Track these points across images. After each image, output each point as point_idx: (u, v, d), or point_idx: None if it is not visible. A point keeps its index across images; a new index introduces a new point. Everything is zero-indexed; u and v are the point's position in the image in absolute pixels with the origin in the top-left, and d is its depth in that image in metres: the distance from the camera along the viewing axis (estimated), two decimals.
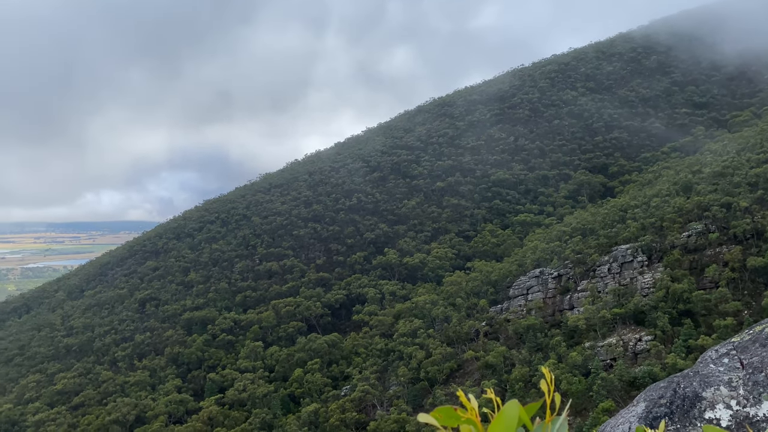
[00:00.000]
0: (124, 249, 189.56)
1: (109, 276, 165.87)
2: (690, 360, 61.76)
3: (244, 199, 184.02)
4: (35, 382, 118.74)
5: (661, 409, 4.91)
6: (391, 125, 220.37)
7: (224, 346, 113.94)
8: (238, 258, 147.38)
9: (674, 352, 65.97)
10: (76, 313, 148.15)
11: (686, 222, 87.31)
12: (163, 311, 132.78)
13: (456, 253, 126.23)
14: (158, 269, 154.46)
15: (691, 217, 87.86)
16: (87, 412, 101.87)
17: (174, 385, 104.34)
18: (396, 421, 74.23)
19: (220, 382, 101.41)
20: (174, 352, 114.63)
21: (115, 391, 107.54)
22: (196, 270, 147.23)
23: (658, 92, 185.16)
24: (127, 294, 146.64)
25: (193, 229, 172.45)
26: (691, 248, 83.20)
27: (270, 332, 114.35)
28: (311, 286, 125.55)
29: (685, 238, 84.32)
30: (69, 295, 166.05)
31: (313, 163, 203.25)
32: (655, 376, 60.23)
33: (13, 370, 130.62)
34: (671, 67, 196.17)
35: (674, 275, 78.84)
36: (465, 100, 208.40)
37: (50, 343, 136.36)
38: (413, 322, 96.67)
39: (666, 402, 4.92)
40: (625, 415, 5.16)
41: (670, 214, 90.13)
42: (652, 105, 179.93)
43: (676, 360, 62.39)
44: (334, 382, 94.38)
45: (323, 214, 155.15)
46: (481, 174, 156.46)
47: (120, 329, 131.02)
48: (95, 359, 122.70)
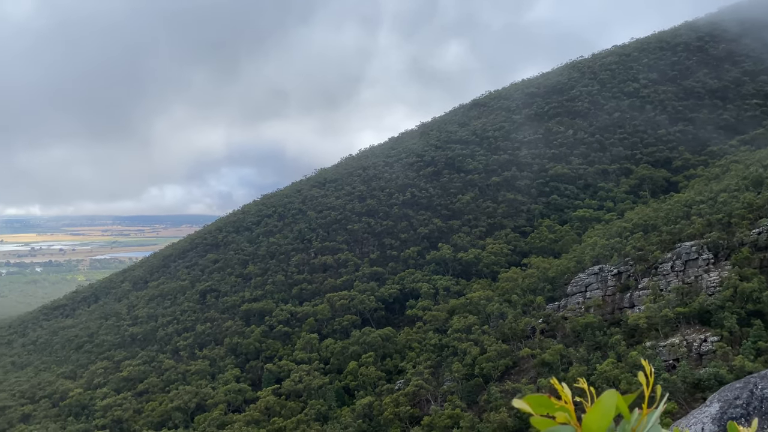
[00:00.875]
0: (186, 242, 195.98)
1: (172, 268, 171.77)
2: (759, 362, 58.94)
3: (300, 193, 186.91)
4: (103, 369, 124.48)
5: (737, 410, 4.73)
6: (446, 119, 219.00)
7: (281, 337, 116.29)
8: (294, 251, 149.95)
9: (742, 354, 63.06)
10: (140, 303, 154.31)
11: (756, 218, 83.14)
12: (222, 302, 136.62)
13: (512, 249, 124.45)
14: (218, 262, 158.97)
15: (762, 213, 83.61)
16: (151, 399, 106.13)
17: (233, 375, 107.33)
18: (450, 417, 74.00)
19: (276, 372, 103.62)
20: (233, 343, 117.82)
21: (177, 379, 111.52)
22: (254, 263, 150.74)
23: (727, 83, 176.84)
24: (189, 285, 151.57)
25: (252, 223, 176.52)
26: (761, 246, 79.19)
27: (325, 325, 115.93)
28: (365, 280, 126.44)
29: (756, 235, 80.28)
30: (134, 285, 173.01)
31: (366, 158, 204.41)
32: (722, 378, 57.77)
33: (83, 356, 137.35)
34: (741, 56, 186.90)
35: (743, 274, 75.23)
36: (522, 93, 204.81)
37: (117, 331, 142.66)
38: (468, 318, 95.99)
39: (742, 403, 4.74)
40: (697, 416, 5.00)
41: (738, 210, 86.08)
42: (720, 96, 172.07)
43: (745, 362, 59.63)
44: (388, 376, 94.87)
45: (377, 208, 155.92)
46: (538, 168, 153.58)
47: (182, 319, 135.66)
48: (158, 348, 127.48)
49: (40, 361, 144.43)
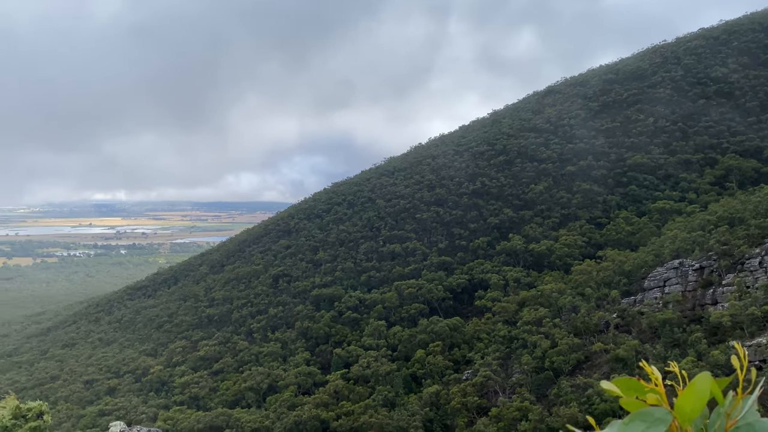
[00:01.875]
0: (260, 228, 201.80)
1: (246, 252, 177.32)
2: None
3: (369, 182, 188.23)
4: (181, 348, 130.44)
5: None
6: (519, 107, 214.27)
7: (349, 323, 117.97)
8: (363, 239, 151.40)
9: None
10: (217, 285, 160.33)
11: None
12: (294, 287, 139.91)
13: (586, 241, 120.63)
14: (290, 247, 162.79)
15: None
16: (225, 378, 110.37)
17: (303, 358, 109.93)
18: (518, 409, 72.97)
19: (345, 357, 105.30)
20: (303, 327, 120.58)
21: (251, 360, 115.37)
22: (324, 249, 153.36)
23: None
24: (262, 270, 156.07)
25: (322, 210, 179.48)
26: None
27: (393, 312, 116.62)
28: (433, 270, 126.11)
29: None
30: (211, 269, 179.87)
31: (436, 147, 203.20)
32: None
33: (163, 335, 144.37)
34: None
35: None
36: (600, 79, 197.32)
37: (194, 312, 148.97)
38: (538, 311, 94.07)
39: None
40: None
41: None
42: None
43: None
44: (456, 366, 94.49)
45: (446, 197, 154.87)
46: (615, 158, 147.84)
47: (255, 302, 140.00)
48: (233, 329, 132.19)
49: (124, 338, 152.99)
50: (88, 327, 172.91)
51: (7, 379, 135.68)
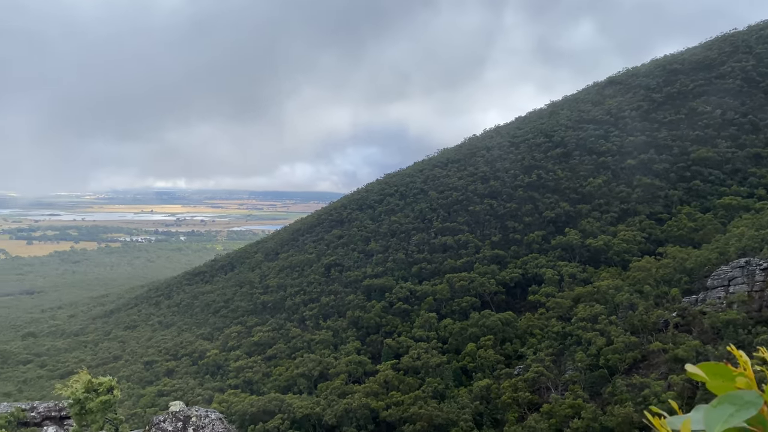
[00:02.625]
0: (313, 217, 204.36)
1: (300, 241, 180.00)
2: None
3: (422, 173, 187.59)
4: (237, 333, 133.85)
5: None
6: (578, 98, 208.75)
7: (400, 314, 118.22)
8: (415, 230, 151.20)
9: None
10: (271, 273, 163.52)
11: None
12: (345, 276, 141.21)
13: (646, 237, 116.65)
14: (342, 237, 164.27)
15: None
16: (278, 364, 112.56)
17: (354, 347, 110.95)
18: (571, 407, 71.53)
19: (395, 348, 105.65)
20: (354, 316, 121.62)
21: (303, 347, 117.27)
22: (375, 240, 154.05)
23: None
24: (315, 259, 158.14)
25: (374, 201, 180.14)
26: None
27: (444, 305, 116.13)
28: (486, 263, 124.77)
29: None
30: (266, 256, 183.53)
31: (491, 138, 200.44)
32: None
33: (220, 320, 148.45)
34: None
35: None
36: (663, 69, 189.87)
37: (249, 299, 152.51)
38: (594, 307, 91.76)
39: None
40: None
41: None
42: None
43: None
44: (507, 360, 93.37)
45: (500, 190, 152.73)
46: (679, 151, 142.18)
47: (308, 291, 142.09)
48: (286, 316, 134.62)
49: (182, 322, 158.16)
50: (148, 310, 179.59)
51: (73, 357, 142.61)
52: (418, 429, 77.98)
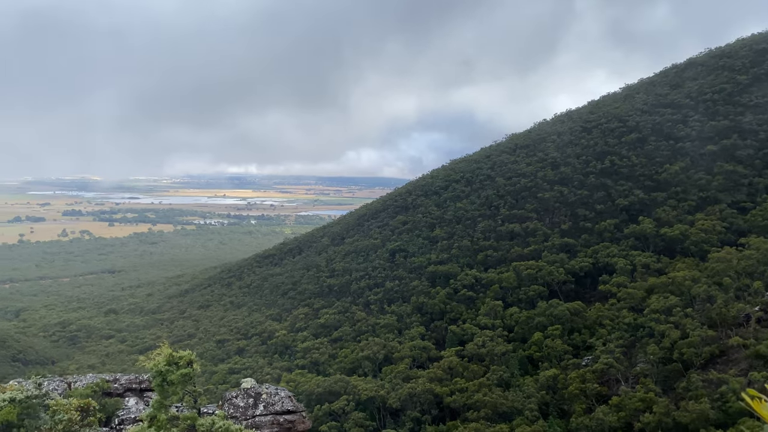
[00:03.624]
0: (379, 203, 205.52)
1: (365, 227, 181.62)
2: None
3: (489, 159, 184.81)
4: (304, 314, 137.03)
5: None
6: (654, 81, 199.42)
7: (465, 301, 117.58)
8: (481, 217, 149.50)
9: None
10: (337, 257, 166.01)
11: None
12: (410, 262, 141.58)
13: (726, 227, 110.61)
14: (407, 223, 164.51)
15: None
16: (343, 346, 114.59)
17: (418, 332, 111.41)
18: (642, 400, 69.37)
19: (460, 334, 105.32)
20: (419, 302, 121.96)
21: (367, 330, 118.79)
22: (440, 226, 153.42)
23: None
24: (380, 244, 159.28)
25: (440, 188, 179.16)
26: None
27: (510, 293, 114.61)
28: (554, 251, 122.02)
29: None
30: (332, 241, 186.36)
31: (562, 123, 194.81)
32: None
33: (288, 301, 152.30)
34: None
35: None
36: (750, 50, 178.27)
37: (316, 282, 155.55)
38: (668, 299, 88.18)
39: None
40: None
41: None
42: None
43: None
44: (575, 351, 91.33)
45: (571, 176, 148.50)
46: (765, 136, 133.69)
47: (373, 275, 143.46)
48: (352, 300, 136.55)
49: (252, 303, 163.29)
50: (220, 291, 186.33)
51: (151, 334, 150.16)
52: (482, 416, 77.66)
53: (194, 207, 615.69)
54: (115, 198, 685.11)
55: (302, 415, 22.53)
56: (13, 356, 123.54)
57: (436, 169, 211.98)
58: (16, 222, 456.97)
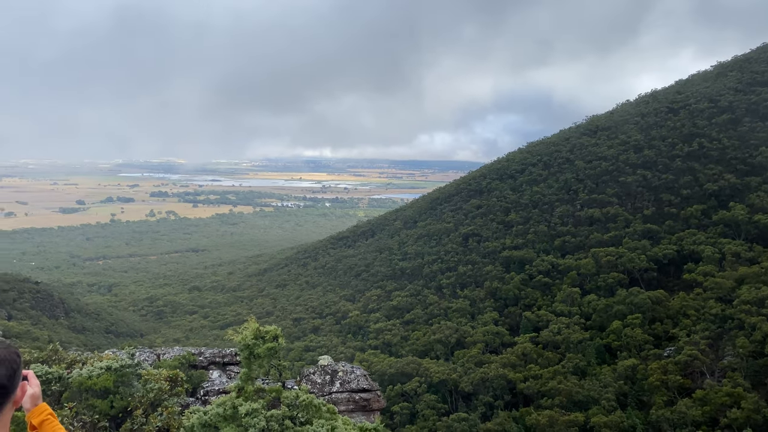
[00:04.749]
0: (452, 186, 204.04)
1: (438, 210, 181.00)
2: None
3: (568, 142, 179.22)
4: (376, 296, 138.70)
5: None
6: (750, 58, 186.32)
7: (540, 287, 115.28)
8: (559, 202, 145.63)
9: None
10: (409, 240, 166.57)
11: None
12: (483, 247, 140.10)
13: None
14: (481, 207, 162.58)
15: None
16: (415, 329, 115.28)
17: (491, 318, 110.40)
18: (729, 395, 66.02)
19: (534, 321, 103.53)
20: (492, 287, 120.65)
21: (440, 314, 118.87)
22: (516, 211, 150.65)
23: None
24: (453, 228, 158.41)
25: (515, 171, 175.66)
26: None
27: (588, 280, 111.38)
28: (636, 238, 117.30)
29: None
30: (404, 224, 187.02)
31: (646, 104, 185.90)
32: None
33: (361, 283, 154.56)
34: None
35: None
36: None
37: (388, 264, 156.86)
38: (761, 290, 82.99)
39: None
40: None
41: None
42: None
43: None
44: (656, 341, 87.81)
45: (655, 160, 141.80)
46: None
47: (445, 259, 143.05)
48: (424, 283, 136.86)
49: (327, 283, 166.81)
50: (297, 271, 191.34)
51: (231, 310, 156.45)
52: (556, 404, 76.33)
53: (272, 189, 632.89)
54: (198, 180, 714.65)
55: (377, 394, 22.88)
56: (106, 328, 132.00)
57: (512, 152, 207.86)
58: (108, 202, 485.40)
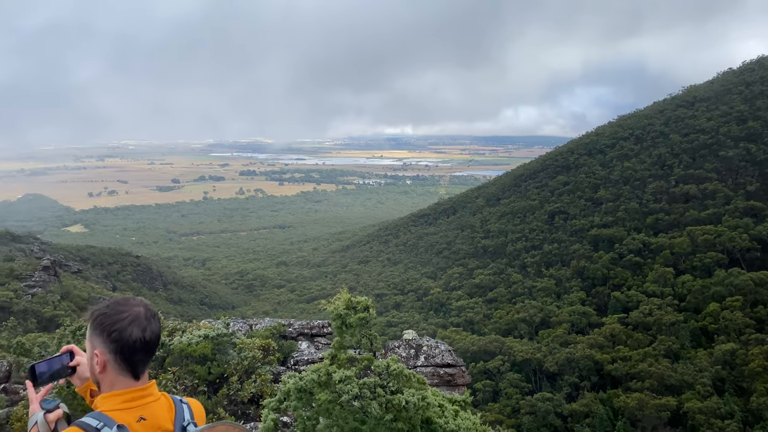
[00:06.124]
0: (537, 163, 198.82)
1: (522, 187, 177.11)
2: None
3: (663, 114, 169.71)
4: (458, 274, 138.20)
5: None
6: None
7: (631, 267, 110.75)
8: (652, 178, 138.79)
9: None
10: (492, 218, 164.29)
11: None
12: (570, 225, 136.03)
13: None
14: (568, 184, 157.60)
15: None
16: (498, 307, 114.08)
17: (578, 297, 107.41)
18: None
19: (624, 301, 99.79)
20: (579, 266, 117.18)
21: (523, 293, 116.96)
22: (605, 187, 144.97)
23: None
24: (538, 205, 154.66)
25: (605, 146, 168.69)
26: None
27: (682, 260, 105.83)
28: (737, 215, 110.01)
29: None
30: (487, 201, 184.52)
31: (752, 72, 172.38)
32: None
33: (442, 260, 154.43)
34: None
35: None
36: None
37: (470, 242, 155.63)
38: None
39: None
40: None
41: None
42: None
43: None
44: (758, 325, 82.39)
45: (761, 132, 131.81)
46: None
47: (530, 237, 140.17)
48: (507, 262, 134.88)
49: (408, 260, 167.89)
50: (378, 247, 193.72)
51: (316, 285, 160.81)
52: (646, 387, 73.57)
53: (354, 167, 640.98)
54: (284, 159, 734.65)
55: (462, 369, 22.85)
56: (200, 300, 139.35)
57: (602, 125, 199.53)
58: (201, 181, 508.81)
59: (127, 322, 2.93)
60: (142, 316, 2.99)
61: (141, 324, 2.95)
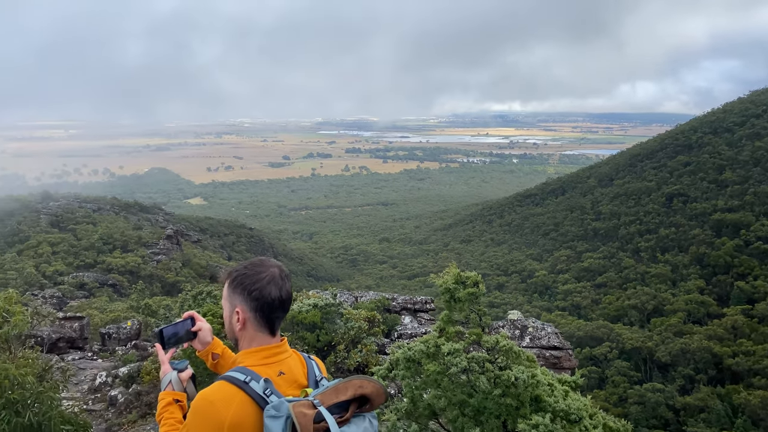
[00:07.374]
0: (656, 141, 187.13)
1: (638, 168, 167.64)
2: None
3: None
4: (566, 257, 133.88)
5: None
6: None
7: (759, 255, 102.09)
8: None
9: None
10: (604, 200, 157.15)
11: None
12: (690, 208, 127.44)
13: None
14: (689, 164, 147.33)
15: None
16: (608, 293, 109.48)
17: (696, 286, 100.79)
18: None
19: (749, 292, 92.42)
20: (699, 252, 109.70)
21: (635, 278, 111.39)
22: (732, 169, 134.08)
23: None
24: (655, 187, 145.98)
25: (733, 124, 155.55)
26: None
27: None
28: None
29: None
30: (599, 182, 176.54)
31: None
32: None
33: (549, 242, 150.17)
34: None
35: None
36: None
37: (580, 224, 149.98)
38: None
39: None
40: None
41: None
42: None
43: None
44: None
45: None
46: None
47: (645, 221, 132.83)
48: (619, 246, 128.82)
49: (512, 241, 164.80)
50: (481, 227, 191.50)
51: (418, 262, 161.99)
52: None
53: (458, 146, 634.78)
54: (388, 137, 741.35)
55: (568, 353, 22.22)
56: (307, 272, 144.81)
57: (731, 102, 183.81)
58: (309, 158, 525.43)
59: (266, 282, 3.07)
60: (277, 276, 3.11)
61: (278, 283, 3.09)
